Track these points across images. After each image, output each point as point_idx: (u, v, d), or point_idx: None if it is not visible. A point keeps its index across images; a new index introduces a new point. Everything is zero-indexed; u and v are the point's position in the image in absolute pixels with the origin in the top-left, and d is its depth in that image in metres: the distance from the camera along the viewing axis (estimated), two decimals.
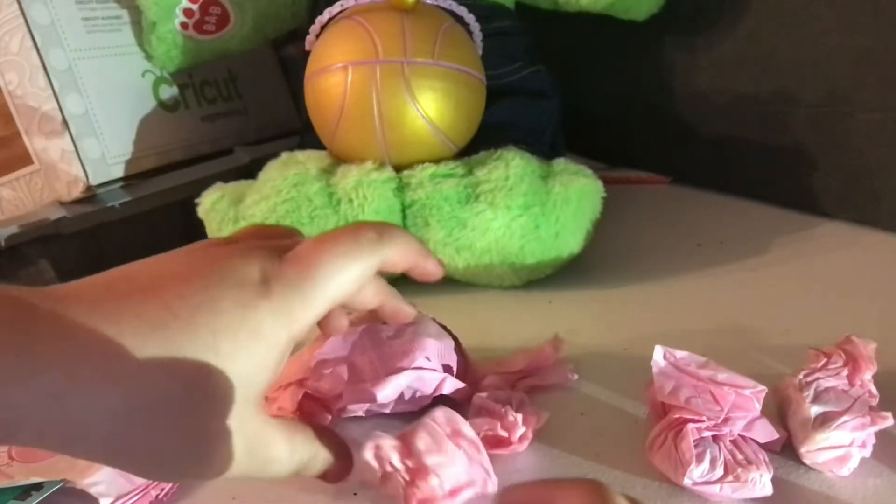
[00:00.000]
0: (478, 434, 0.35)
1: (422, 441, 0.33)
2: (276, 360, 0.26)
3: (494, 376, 0.41)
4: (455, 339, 0.41)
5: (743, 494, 0.32)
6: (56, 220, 0.64)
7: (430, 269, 0.32)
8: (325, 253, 0.27)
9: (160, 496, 0.35)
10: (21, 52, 0.63)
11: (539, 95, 0.65)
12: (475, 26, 0.59)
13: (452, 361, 0.39)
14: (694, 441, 0.32)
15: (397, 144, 0.54)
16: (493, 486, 0.33)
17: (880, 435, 0.34)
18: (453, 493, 0.32)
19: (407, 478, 0.32)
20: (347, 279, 0.27)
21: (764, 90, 0.65)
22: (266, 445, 0.27)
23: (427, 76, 0.53)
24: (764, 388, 0.34)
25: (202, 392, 0.24)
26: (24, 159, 0.66)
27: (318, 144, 0.59)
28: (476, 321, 0.52)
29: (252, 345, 0.25)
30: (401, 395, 0.38)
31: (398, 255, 0.30)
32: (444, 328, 0.41)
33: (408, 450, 0.33)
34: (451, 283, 0.56)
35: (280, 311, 0.25)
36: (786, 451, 0.35)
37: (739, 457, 0.32)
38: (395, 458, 0.32)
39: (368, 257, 0.28)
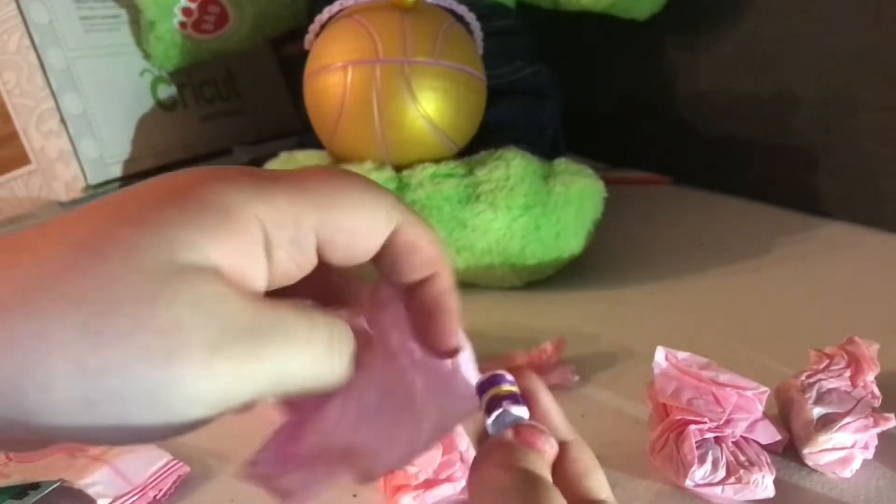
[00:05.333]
0: None
1: None
2: None
3: None
4: None
5: (745, 496, 0.32)
6: None
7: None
8: None
9: (158, 497, 0.35)
10: (19, 51, 0.63)
11: (540, 95, 0.65)
12: (476, 25, 0.59)
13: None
14: (696, 442, 0.32)
15: (397, 144, 0.54)
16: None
17: (883, 436, 0.34)
18: (428, 484, 0.32)
19: None
20: None
21: (765, 90, 0.65)
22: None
23: (427, 75, 0.53)
24: (766, 389, 0.34)
25: None
26: (22, 159, 0.66)
27: (317, 144, 0.59)
28: (476, 322, 0.51)
29: None
30: None
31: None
32: None
33: None
34: None
35: None
36: (788, 452, 0.35)
37: (741, 458, 0.32)
38: None
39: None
